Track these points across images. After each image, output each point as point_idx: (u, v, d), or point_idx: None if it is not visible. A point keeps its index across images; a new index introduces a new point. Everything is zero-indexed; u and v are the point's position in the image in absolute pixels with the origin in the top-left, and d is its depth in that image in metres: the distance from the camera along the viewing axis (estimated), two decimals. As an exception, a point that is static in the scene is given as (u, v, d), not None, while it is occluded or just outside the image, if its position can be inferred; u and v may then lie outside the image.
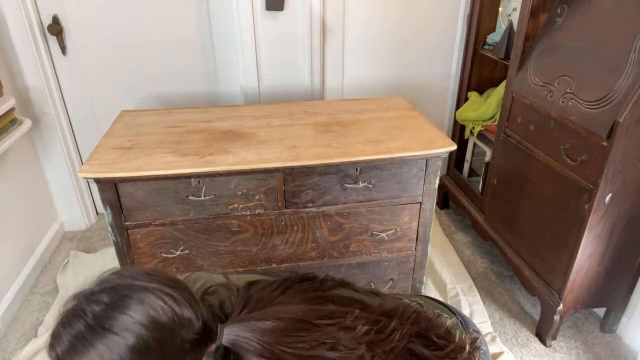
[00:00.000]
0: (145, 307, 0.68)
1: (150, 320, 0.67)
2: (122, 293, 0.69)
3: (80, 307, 0.68)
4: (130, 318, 0.66)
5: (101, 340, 0.65)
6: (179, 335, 0.69)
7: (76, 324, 0.67)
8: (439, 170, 1.54)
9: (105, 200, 1.38)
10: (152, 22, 2.10)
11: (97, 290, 0.70)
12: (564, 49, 1.55)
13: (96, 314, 0.67)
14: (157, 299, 0.69)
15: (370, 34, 2.26)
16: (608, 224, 1.47)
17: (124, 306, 0.67)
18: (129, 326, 0.66)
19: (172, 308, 0.69)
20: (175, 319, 0.69)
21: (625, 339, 1.73)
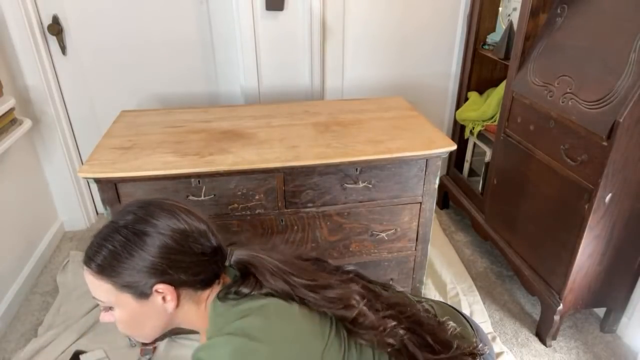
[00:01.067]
0: (169, 214, 0.80)
1: (174, 225, 0.79)
2: (148, 203, 0.82)
3: (113, 220, 0.81)
4: (158, 222, 0.78)
5: (135, 242, 0.77)
6: (198, 243, 0.80)
7: (112, 232, 0.78)
8: (439, 170, 1.54)
9: (105, 200, 1.38)
10: (152, 22, 2.10)
11: (125, 207, 0.83)
12: (564, 49, 1.55)
13: (129, 220, 0.79)
14: (179, 211, 0.81)
15: (370, 34, 2.26)
16: (608, 224, 1.47)
17: (152, 213, 0.80)
18: (157, 229, 0.78)
19: (191, 220, 0.82)
20: (194, 229, 0.81)
21: (625, 339, 1.73)
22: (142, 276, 0.77)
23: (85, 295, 1.89)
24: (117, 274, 0.77)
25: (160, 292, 0.79)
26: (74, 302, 1.86)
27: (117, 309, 0.81)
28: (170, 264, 0.78)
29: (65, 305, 1.86)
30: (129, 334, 0.88)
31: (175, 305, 0.81)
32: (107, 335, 1.72)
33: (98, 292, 0.80)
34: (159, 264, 0.77)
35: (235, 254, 0.84)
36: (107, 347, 1.67)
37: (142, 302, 0.80)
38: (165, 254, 0.77)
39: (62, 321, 1.77)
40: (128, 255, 0.76)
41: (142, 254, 0.76)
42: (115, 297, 0.79)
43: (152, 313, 0.82)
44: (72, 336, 1.69)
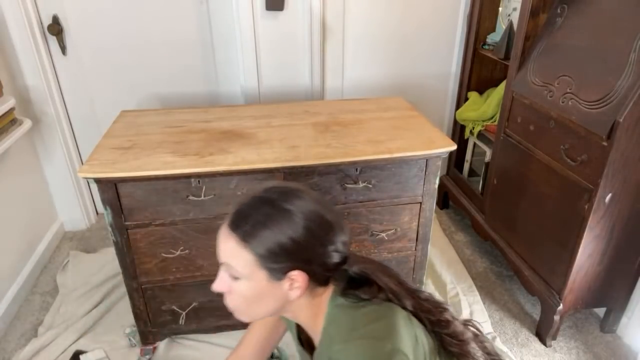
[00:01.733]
0: (313, 199, 0.82)
1: (318, 209, 0.81)
2: (294, 187, 0.84)
3: (261, 195, 0.82)
4: (304, 203, 0.80)
5: (283, 217, 0.77)
6: (332, 232, 0.81)
7: (261, 205, 0.79)
8: (439, 170, 1.54)
9: (105, 200, 1.38)
10: (152, 22, 2.10)
11: (270, 186, 0.84)
12: (564, 49, 1.55)
13: (277, 197, 0.80)
14: (324, 202, 0.84)
15: (370, 34, 2.26)
16: (608, 224, 1.47)
17: (298, 195, 0.81)
18: (303, 209, 0.79)
19: (334, 213, 0.83)
20: (336, 222, 0.82)
21: (625, 339, 1.72)
22: (284, 257, 0.77)
23: (86, 295, 1.89)
24: (263, 246, 0.77)
25: (292, 278, 0.79)
26: (74, 302, 1.86)
27: (243, 282, 0.80)
28: (311, 250, 0.79)
29: (65, 305, 1.86)
30: (237, 309, 0.86)
31: (299, 295, 0.82)
32: (107, 335, 1.72)
33: (236, 260, 0.79)
34: (302, 247, 0.78)
35: (357, 262, 0.85)
36: (107, 347, 1.67)
37: (273, 283, 0.80)
38: (309, 238, 0.78)
39: (62, 321, 1.77)
40: (277, 230, 0.77)
41: (289, 232, 0.77)
42: (252, 270, 0.78)
43: (275, 296, 0.82)
44: (72, 336, 1.69)
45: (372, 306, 0.82)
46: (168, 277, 1.54)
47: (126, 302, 1.67)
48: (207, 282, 1.58)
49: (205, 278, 1.57)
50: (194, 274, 1.55)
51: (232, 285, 0.82)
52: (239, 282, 0.81)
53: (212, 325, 1.69)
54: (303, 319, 0.89)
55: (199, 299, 1.62)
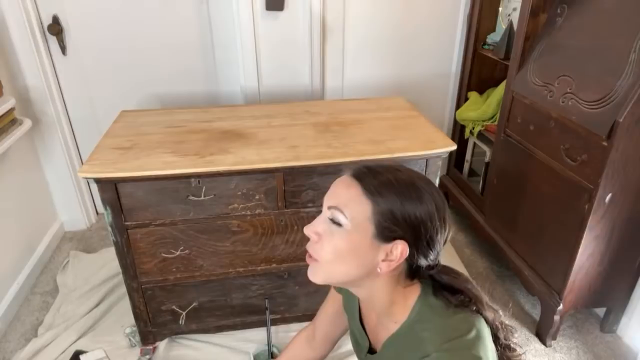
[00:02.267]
0: (438, 190, 0.79)
1: (442, 199, 0.78)
2: (423, 174, 0.82)
3: (391, 165, 0.80)
4: (432, 189, 0.77)
5: (411, 187, 0.75)
6: (444, 226, 0.78)
7: (391, 171, 0.77)
8: (439, 170, 1.54)
9: (105, 200, 1.38)
10: (152, 22, 2.10)
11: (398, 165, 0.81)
12: (564, 49, 1.55)
13: (407, 174, 0.78)
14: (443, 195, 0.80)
15: (370, 34, 2.26)
16: (608, 224, 1.47)
17: (426, 180, 0.79)
18: (430, 193, 0.76)
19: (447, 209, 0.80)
20: (449, 220, 0.79)
21: (625, 339, 1.72)
22: (400, 224, 0.74)
23: (86, 295, 1.89)
24: (386, 205, 0.73)
25: (396, 248, 0.75)
26: (74, 302, 1.86)
27: (344, 231, 0.76)
28: (424, 231, 0.75)
29: (65, 305, 1.86)
30: (319, 260, 0.80)
31: (389, 270, 0.77)
32: (107, 335, 1.72)
33: (350, 204, 0.75)
34: (419, 224, 0.75)
35: (445, 273, 0.84)
36: (107, 347, 1.67)
37: (374, 243, 0.75)
38: (429, 221, 0.75)
39: (62, 321, 1.77)
40: (404, 198, 0.74)
41: (414, 206, 0.74)
42: (362, 220, 0.74)
43: (366, 259, 0.76)
44: (72, 336, 1.69)
45: (463, 314, 0.79)
46: (168, 277, 1.54)
47: (126, 302, 1.67)
48: (207, 282, 1.59)
49: (205, 278, 1.57)
50: (194, 274, 1.55)
51: (329, 230, 0.77)
52: (340, 230, 0.76)
53: (212, 325, 1.69)
54: (377, 301, 0.84)
55: (199, 299, 1.62)
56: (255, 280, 1.62)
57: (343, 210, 0.75)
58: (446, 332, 0.76)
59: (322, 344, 1.13)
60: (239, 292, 1.64)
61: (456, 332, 0.76)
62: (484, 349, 0.75)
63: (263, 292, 1.65)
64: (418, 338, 0.78)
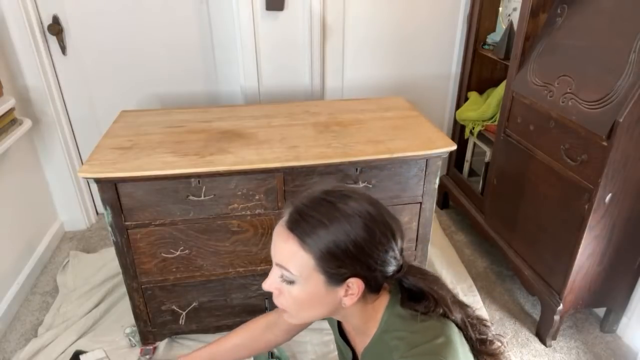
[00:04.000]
0: (372, 200, 0.79)
1: (378, 211, 0.78)
2: (353, 190, 0.81)
3: (320, 195, 0.79)
4: (364, 206, 0.77)
5: (344, 218, 0.75)
6: (392, 236, 0.78)
7: (322, 205, 0.77)
8: (439, 170, 1.54)
9: (105, 200, 1.38)
10: (152, 22, 2.10)
11: (329, 189, 0.81)
12: (564, 49, 1.55)
13: (335, 200, 0.77)
14: (381, 204, 0.81)
15: (370, 34, 2.26)
16: (608, 224, 1.47)
17: (358, 197, 0.79)
18: (364, 211, 0.76)
19: (392, 217, 0.80)
20: (392, 220, 0.80)
21: (625, 339, 1.72)
22: (344, 260, 0.75)
23: (86, 295, 1.89)
24: (323, 248, 0.74)
25: (350, 285, 0.77)
26: (74, 302, 1.86)
27: (298, 286, 0.77)
28: (371, 255, 0.76)
29: (65, 305, 1.86)
30: (288, 310, 0.83)
31: (353, 302, 0.79)
32: (107, 335, 1.72)
33: (293, 262, 0.76)
34: (363, 251, 0.75)
35: (411, 272, 0.83)
36: (107, 347, 1.67)
37: (329, 288, 0.77)
38: (370, 242, 0.75)
39: (62, 321, 1.77)
40: (338, 231, 0.74)
41: (350, 234, 0.74)
42: (309, 274, 0.75)
43: (328, 302, 0.79)
44: (72, 336, 1.69)
45: (431, 321, 0.79)
46: (168, 277, 1.54)
47: (126, 302, 1.67)
48: (207, 282, 1.59)
49: (205, 278, 1.57)
50: (194, 274, 1.55)
51: (284, 287, 0.79)
52: (293, 285, 0.78)
53: (212, 325, 1.69)
54: (351, 321, 0.87)
55: (199, 299, 1.62)
56: (255, 280, 1.62)
57: (288, 268, 0.77)
58: (413, 339, 0.78)
59: (282, 333, 1.15)
60: (238, 292, 1.64)
61: (423, 338, 0.77)
62: (453, 354, 0.75)
63: (263, 292, 1.65)
64: (387, 347, 0.80)
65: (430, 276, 0.85)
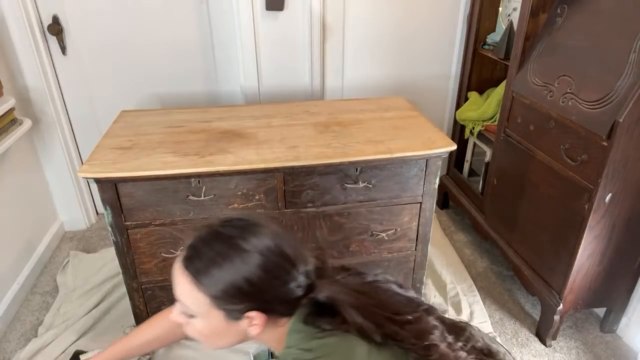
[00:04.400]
0: (273, 234, 0.79)
1: (277, 245, 0.77)
2: (252, 221, 0.80)
3: (217, 229, 0.79)
4: (262, 241, 0.76)
5: (238, 256, 0.74)
6: (295, 267, 0.78)
7: (216, 242, 0.76)
8: (439, 170, 1.54)
9: (105, 200, 1.38)
10: (152, 22, 2.10)
11: (228, 219, 0.81)
12: (564, 49, 1.55)
13: (233, 234, 0.77)
14: (282, 232, 0.81)
15: (370, 34, 2.26)
16: (608, 224, 1.47)
17: (256, 231, 0.78)
18: (260, 247, 0.75)
19: (292, 241, 0.80)
20: (295, 251, 0.79)
21: (625, 339, 1.73)
22: (240, 298, 0.75)
23: (86, 295, 1.89)
24: (217, 287, 0.74)
25: (250, 317, 0.78)
26: (74, 302, 1.86)
27: (200, 320, 0.79)
28: (269, 290, 0.76)
29: (65, 305, 1.85)
30: (198, 340, 0.85)
31: (259, 331, 0.80)
32: (107, 335, 1.72)
33: (190, 300, 0.77)
34: (259, 288, 0.75)
35: (324, 290, 0.82)
36: (107, 347, 1.67)
37: (230, 322, 0.78)
38: (266, 278, 0.75)
39: (62, 321, 1.77)
40: (231, 270, 0.74)
41: (244, 272, 0.74)
42: (207, 310, 0.77)
43: (234, 333, 0.81)
44: (72, 336, 1.69)
45: (331, 338, 0.78)
46: (168, 277, 1.53)
47: (126, 302, 1.67)
48: (207, 282, 1.58)
49: (205, 278, 1.57)
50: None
51: (188, 319, 0.80)
52: (195, 319, 0.79)
53: (212, 325, 1.69)
54: (268, 344, 0.88)
55: (199, 299, 1.62)
56: (255, 280, 1.62)
57: (187, 304, 0.77)
58: (303, 356, 0.77)
59: None
60: (239, 292, 1.64)
61: (312, 355, 0.76)
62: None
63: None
64: None
65: (348, 289, 0.82)
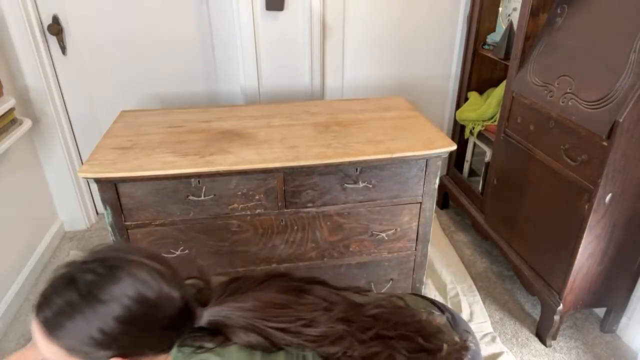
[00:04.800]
0: (134, 280, 0.70)
1: (138, 293, 0.70)
2: (113, 265, 0.71)
3: (72, 274, 0.70)
4: (120, 290, 0.69)
5: (90, 308, 0.67)
6: (161, 311, 0.72)
7: (68, 290, 0.69)
8: (439, 170, 1.54)
9: (105, 200, 1.38)
10: (152, 22, 2.10)
11: (89, 260, 0.73)
12: (564, 49, 1.55)
13: (88, 282, 0.69)
14: (146, 274, 0.72)
15: (370, 34, 2.26)
16: (608, 224, 1.47)
17: (114, 278, 0.69)
18: (117, 297, 0.68)
19: (159, 284, 0.72)
20: (161, 295, 0.72)
21: (625, 339, 1.73)
22: (99, 348, 0.69)
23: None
24: (71, 340, 0.68)
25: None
26: (74, 302, 1.86)
27: None
28: (130, 337, 0.70)
29: (65, 305, 1.85)
30: None
31: None
32: (107, 335, 1.72)
33: (44, 349, 0.70)
34: (116, 337, 0.69)
35: (205, 316, 0.77)
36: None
37: None
38: (124, 327, 0.69)
39: (62, 321, 1.77)
40: (84, 322, 0.67)
41: (98, 323, 0.67)
42: (67, 358, 0.70)
43: None
44: (72, 336, 1.69)
45: (205, 354, 0.74)
46: (168, 277, 1.54)
47: (126, 302, 1.67)
48: (207, 282, 1.58)
49: (205, 278, 1.57)
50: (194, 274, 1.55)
51: None
52: None
53: (212, 325, 1.69)
54: None
55: (199, 299, 1.62)
56: (255, 280, 1.62)
57: (43, 354, 0.71)
58: None
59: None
60: (239, 292, 1.64)
61: None
62: None
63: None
64: None
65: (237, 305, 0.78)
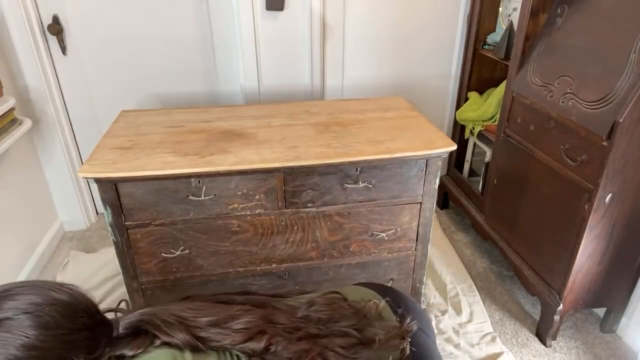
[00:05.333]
0: (37, 289, 0.71)
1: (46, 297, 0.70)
2: (5, 288, 0.70)
3: None
4: (23, 300, 0.68)
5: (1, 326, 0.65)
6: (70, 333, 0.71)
7: None
8: (439, 170, 1.54)
9: (105, 200, 1.38)
10: (152, 22, 2.10)
11: None
12: (564, 49, 1.55)
13: None
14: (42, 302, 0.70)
15: (370, 34, 2.26)
16: (608, 224, 1.47)
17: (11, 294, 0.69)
18: (23, 307, 0.67)
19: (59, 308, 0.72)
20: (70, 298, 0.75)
21: (625, 339, 1.73)
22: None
23: (85, 295, 1.89)
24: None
25: None
26: (73, 302, 1.86)
27: None
28: (53, 345, 0.68)
29: (65, 305, 1.85)
30: None
31: None
32: (107, 335, 1.72)
33: None
34: (39, 348, 0.66)
35: (122, 323, 0.77)
36: (107, 347, 1.67)
37: None
38: (45, 332, 0.67)
39: (62, 321, 1.77)
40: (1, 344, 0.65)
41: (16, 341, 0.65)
42: None
43: None
44: (72, 336, 1.69)
45: None
46: (168, 277, 1.54)
47: (126, 302, 1.67)
48: (207, 282, 1.59)
49: (205, 278, 1.57)
50: (194, 274, 1.55)
51: None
52: None
53: (212, 325, 1.69)
54: None
55: (199, 299, 1.62)
56: (255, 280, 1.62)
57: None
58: None
59: None
60: (239, 292, 1.64)
61: None
62: None
63: (263, 292, 1.65)
64: None
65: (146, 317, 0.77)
